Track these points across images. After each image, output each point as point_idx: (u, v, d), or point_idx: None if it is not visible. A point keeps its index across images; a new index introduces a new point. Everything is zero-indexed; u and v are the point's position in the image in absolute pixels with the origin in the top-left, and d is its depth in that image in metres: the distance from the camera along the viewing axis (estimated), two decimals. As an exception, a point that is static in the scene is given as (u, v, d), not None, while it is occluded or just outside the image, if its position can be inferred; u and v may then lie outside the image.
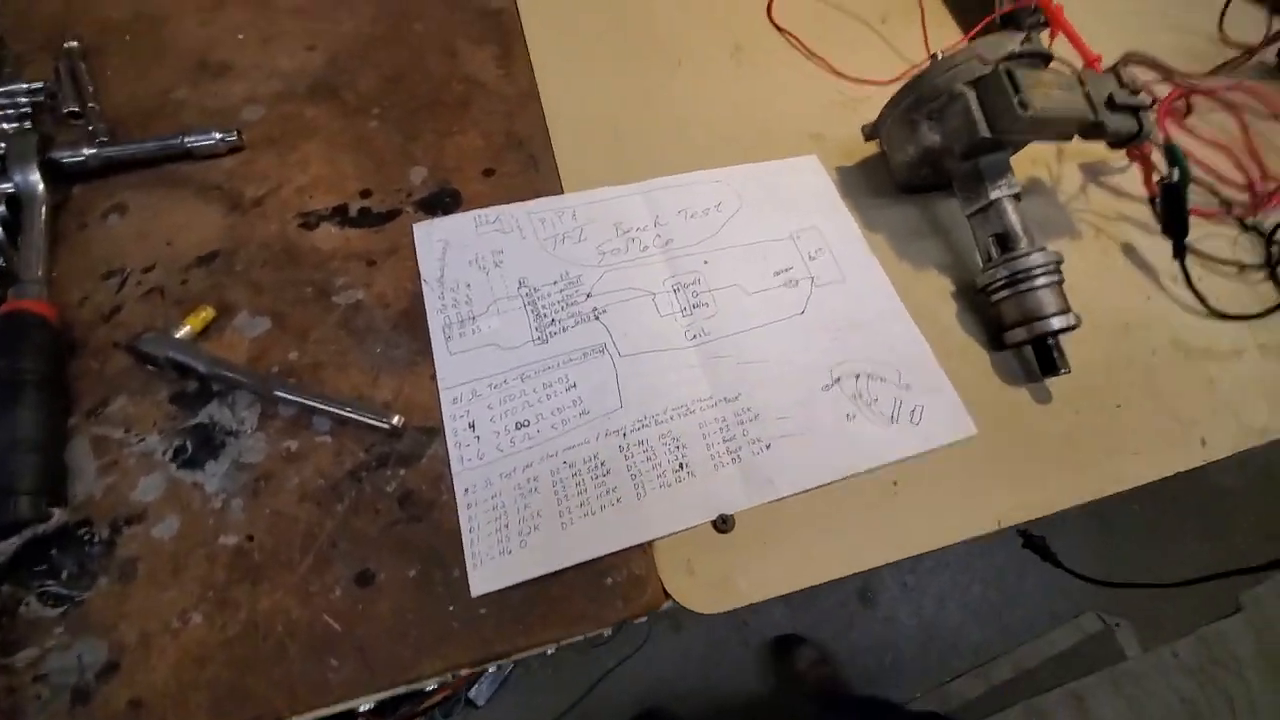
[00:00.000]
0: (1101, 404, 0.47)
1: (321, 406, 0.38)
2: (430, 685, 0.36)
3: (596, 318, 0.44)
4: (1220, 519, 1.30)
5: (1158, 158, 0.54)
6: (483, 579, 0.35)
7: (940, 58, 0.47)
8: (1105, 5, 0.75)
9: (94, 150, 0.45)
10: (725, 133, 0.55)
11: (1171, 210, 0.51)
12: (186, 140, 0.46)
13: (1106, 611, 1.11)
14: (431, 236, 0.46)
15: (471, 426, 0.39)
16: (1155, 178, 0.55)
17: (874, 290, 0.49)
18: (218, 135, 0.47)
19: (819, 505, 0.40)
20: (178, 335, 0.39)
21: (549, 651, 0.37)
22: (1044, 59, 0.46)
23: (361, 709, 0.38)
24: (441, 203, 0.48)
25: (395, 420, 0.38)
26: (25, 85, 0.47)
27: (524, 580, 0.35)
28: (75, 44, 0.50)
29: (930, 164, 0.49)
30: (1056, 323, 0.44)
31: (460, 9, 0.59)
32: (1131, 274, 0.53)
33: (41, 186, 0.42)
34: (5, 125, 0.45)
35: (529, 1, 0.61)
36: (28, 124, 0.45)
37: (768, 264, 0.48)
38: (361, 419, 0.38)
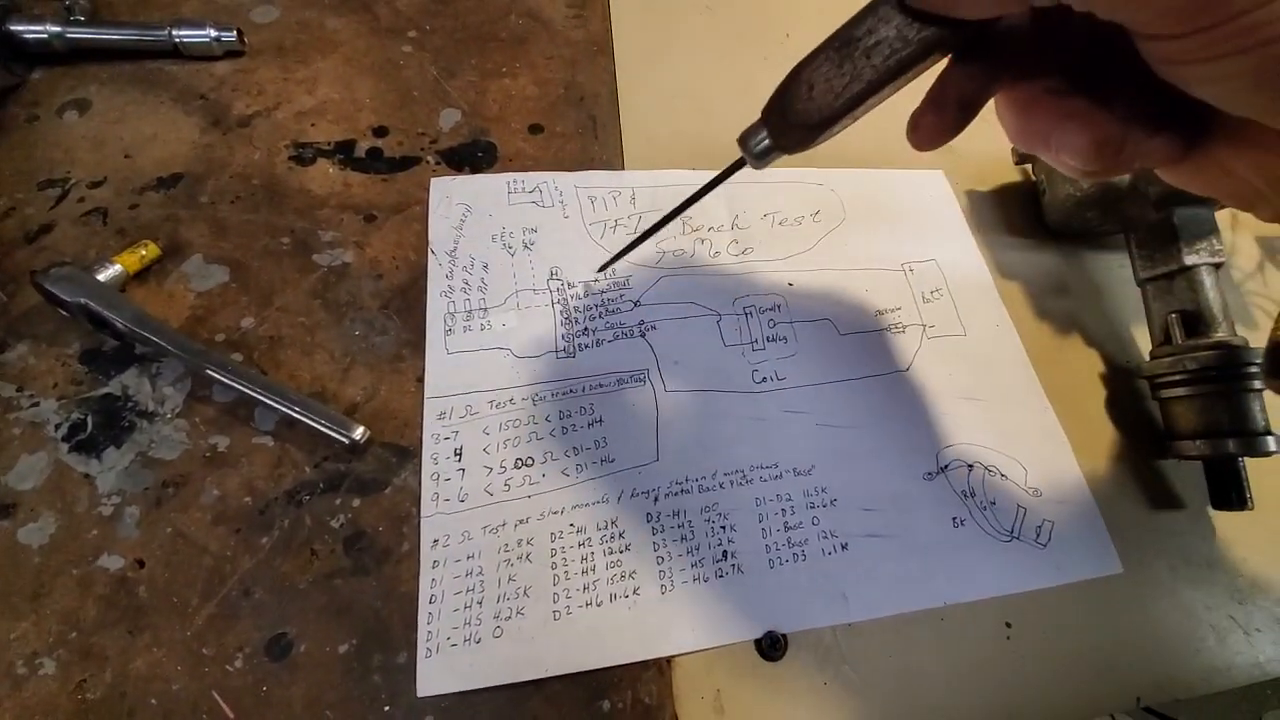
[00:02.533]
0: (1273, 552, 0.34)
1: (265, 398, 0.28)
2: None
3: (643, 334, 0.33)
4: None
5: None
6: (435, 674, 0.25)
7: None
8: None
9: (60, 29, 0.35)
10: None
11: None
12: (175, 33, 0.36)
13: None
14: (451, 197, 0.35)
15: (457, 454, 0.29)
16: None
17: (1003, 353, 0.36)
18: (213, 32, 0.36)
19: (903, 641, 0.29)
20: (101, 275, 0.29)
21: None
22: None
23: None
24: (472, 157, 0.37)
25: (358, 433, 0.27)
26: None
27: (491, 686, 0.25)
28: (71, -99, 0.40)
29: (1104, 206, 0.36)
30: (1258, 444, 0.31)
31: (536, -68, 0.48)
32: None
33: (-20, 61, 0.32)
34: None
35: (621, -65, 0.49)
36: (-15, -16, 0.36)
37: (870, 298, 0.37)
38: (314, 423, 0.27)
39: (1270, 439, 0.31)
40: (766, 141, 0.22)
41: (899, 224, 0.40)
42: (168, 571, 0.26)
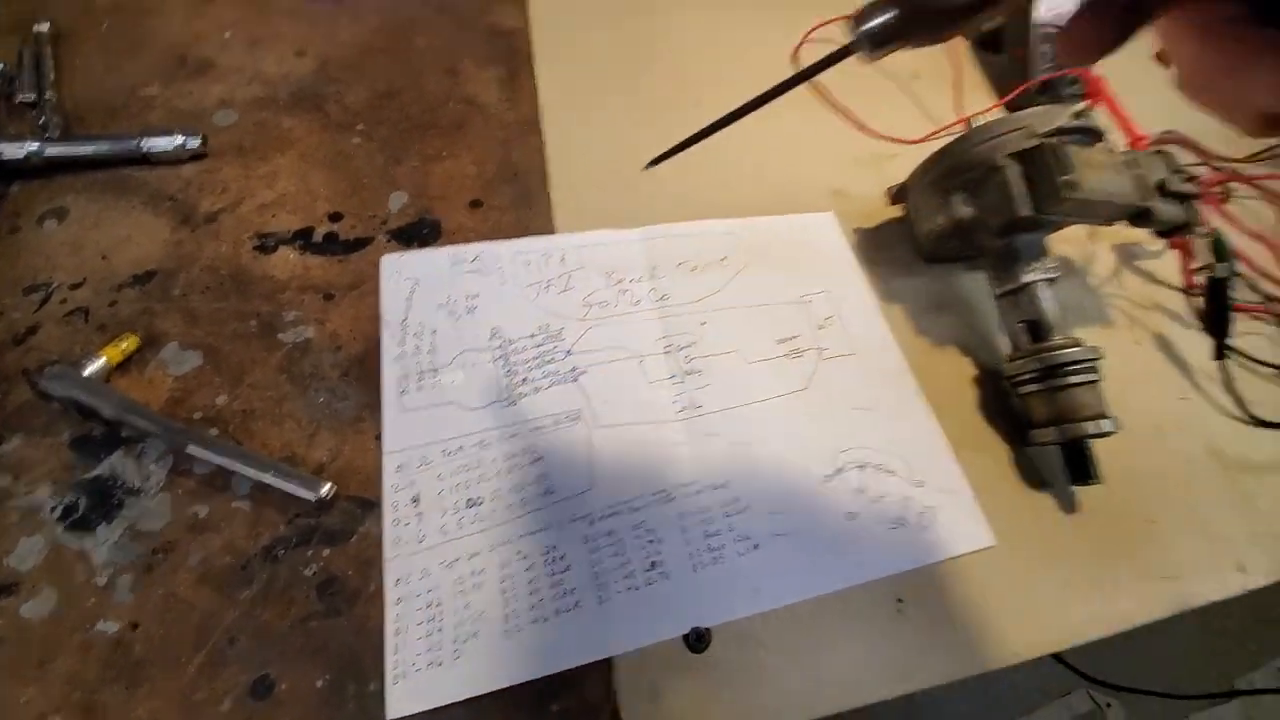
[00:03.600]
0: (1133, 518, 0.39)
1: (240, 468, 0.31)
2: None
3: (575, 379, 0.37)
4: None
5: (1198, 245, 0.47)
6: (403, 697, 0.28)
7: (974, 125, 0.40)
8: (1140, 79, 0.69)
9: (37, 146, 0.38)
10: (740, 182, 0.48)
11: (1215, 307, 0.44)
12: (144, 143, 0.39)
13: (1097, 689, 1.02)
14: (401, 272, 0.39)
15: (415, 501, 0.32)
16: (1194, 267, 0.48)
17: (887, 367, 0.41)
18: (179, 139, 0.40)
19: (811, 622, 0.32)
20: (89, 370, 0.32)
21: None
22: (1095, 135, 0.39)
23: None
24: (419, 234, 0.41)
25: (324, 490, 0.30)
26: (-30, 68, 0.40)
27: (453, 702, 0.28)
28: (45, 28, 0.44)
29: (960, 236, 0.42)
30: (1091, 427, 0.36)
31: (469, 27, 0.53)
32: (1166, 370, 0.46)
33: (-38, 184, 0.35)
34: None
35: (544, 24, 0.54)
36: (-36, 111, 0.39)
37: (772, 330, 0.41)
38: (285, 485, 0.30)
39: (1105, 421, 0.36)
40: (892, 22, 0.19)
41: (797, 262, 0.45)
42: (160, 629, 0.28)
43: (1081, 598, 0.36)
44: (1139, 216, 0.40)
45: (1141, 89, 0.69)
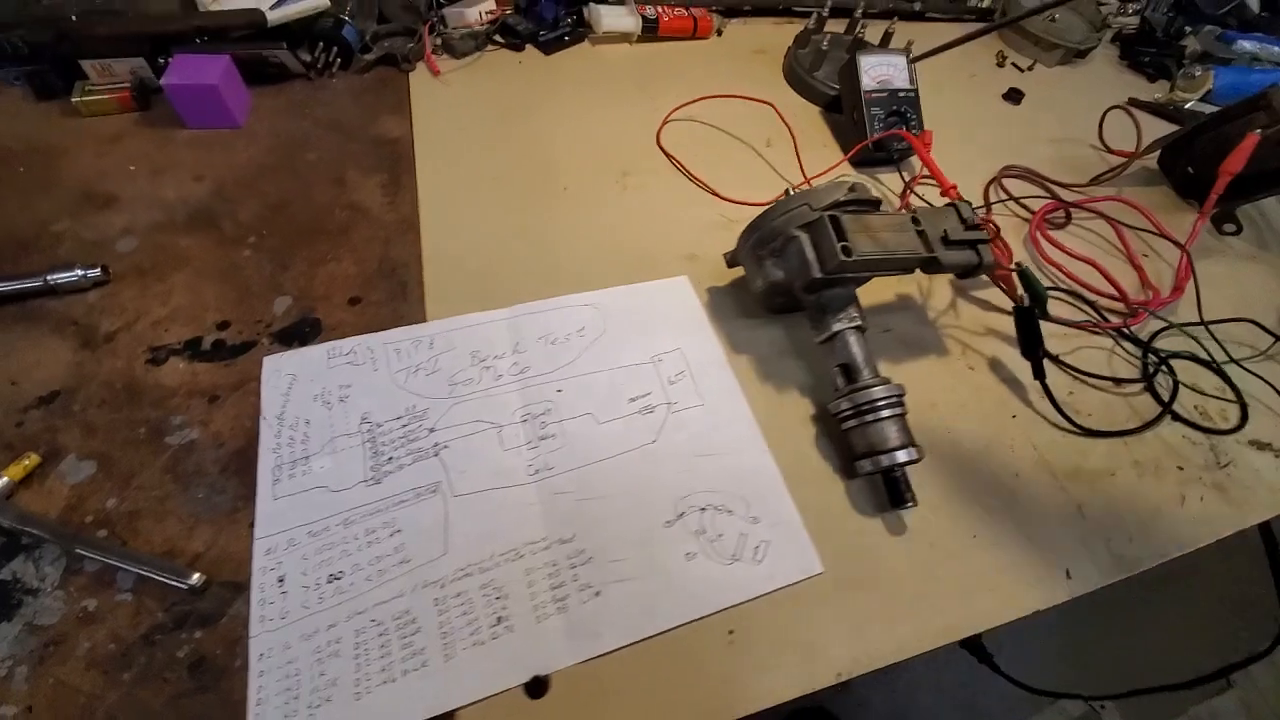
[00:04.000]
0: (958, 535, 0.43)
1: (123, 565, 0.35)
2: None
3: (436, 454, 0.41)
4: (1196, 587, 1.22)
5: (1015, 277, 0.52)
6: (263, 762, 0.31)
7: (791, 194, 0.46)
8: (993, 117, 0.76)
9: (-57, 292, 0.43)
10: (603, 256, 0.54)
11: (1025, 333, 0.49)
12: (50, 278, 0.45)
13: (1090, 693, 1.03)
14: (280, 369, 0.44)
15: (280, 581, 0.36)
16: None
17: (731, 414, 0.46)
18: (79, 271, 0.45)
19: (647, 661, 0.36)
20: (-12, 488, 0.36)
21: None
22: (872, 204, 0.45)
23: None
24: (300, 333, 0.46)
25: (194, 579, 0.34)
26: (-103, 224, 0.46)
27: (307, 763, 0.31)
28: (-36, 180, 0.50)
29: (781, 294, 0.47)
30: (901, 456, 0.41)
31: (356, 139, 0.59)
32: (998, 391, 0.51)
33: (-118, 331, 0.40)
34: None
35: (426, 131, 0.61)
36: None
37: (625, 390, 0.46)
38: (162, 578, 0.34)
39: (902, 451, 0.41)
40: None
41: (651, 325, 0.50)
42: (50, 713, 0.32)
43: (906, 616, 0.39)
44: (930, 265, 0.45)
45: (988, 124, 0.76)
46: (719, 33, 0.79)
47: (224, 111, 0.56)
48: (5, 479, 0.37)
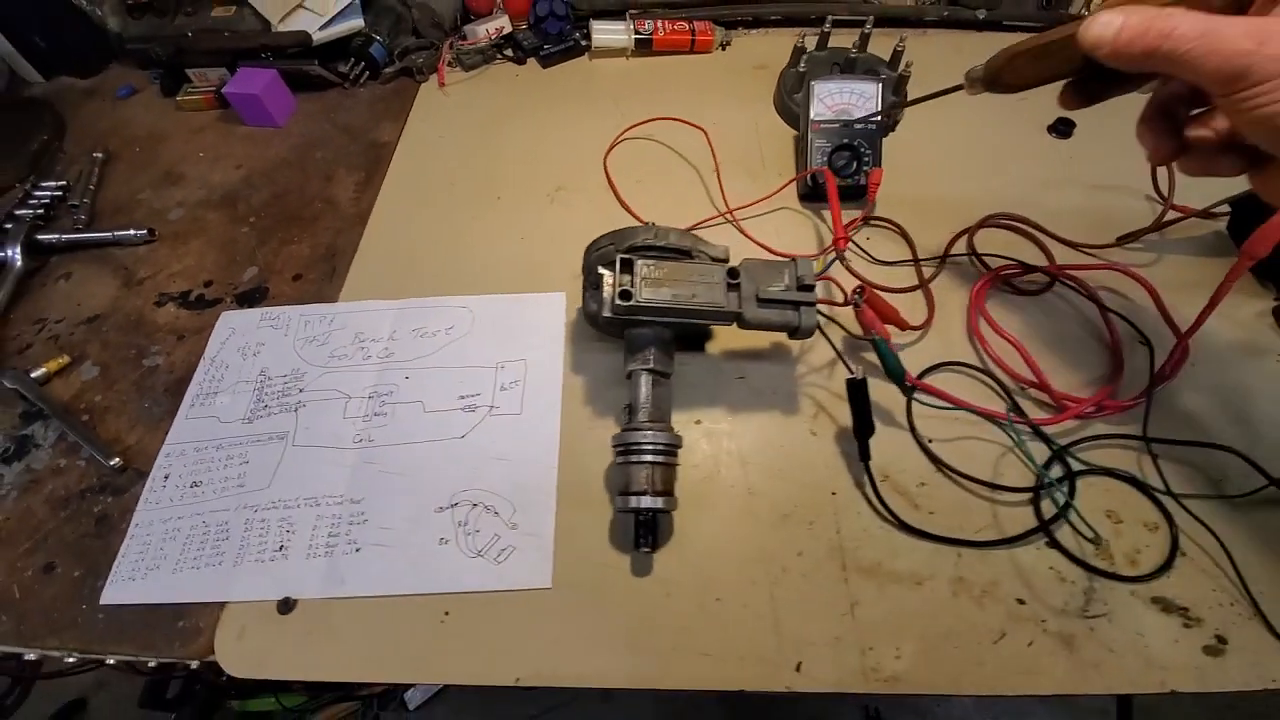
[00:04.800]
0: (701, 594, 0.43)
1: (83, 443, 0.51)
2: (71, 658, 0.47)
3: (295, 410, 0.52)
4: None
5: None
6: (110, 593, 0.45)
7: (649, 226, 0.48)
8: (1028, 152, 0.65)
9: (57, 237, 0.64)
10: (503, 264, 0.60)
11: (857, 408, 0.45)
12: (115, 234, 0.64)
13: None
14: (228, 324, 0.58)
15: (165, 478, 0.50)
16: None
17: (542, 430, 0.50)
18: (133, 231, 0.64)
19: (375, 615, 0.44)
20: (34, 374, 0.55)
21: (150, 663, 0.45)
22: (682, 253, 0.45)
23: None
24: (252, 297, 0.60)
25: (114, 462, 0.50)
26: (54, 183, 0.68)
27: (131, 603, 0.45)
28: (101, 155, 0.71)
29: (613, 327, 0.49)
30: (645, 501, 0.42)
31: (356, 141, 0.72)
32: (829, 463, 0.48)
33: (20, 261, 0.62)
34: (25, 211, 0.65)
35: (410, 137, 0.72)
36: (41, 211, 0.66)
37: (460, 388, 0.53)
38: (98, 457, 0.50)
39: (647, 499, 0.42)
40: (979, 84, 0.39)
41: (513, 333, 0.56)
42: (13, 523, 0.49)
43: (604, 650, 0.41)
44: (736, 320, 0.44)
45: (1018, 163, 0.66)
46: (724, 46, 0.78)
47: (267, 114, 0.72)
48: (44, 370, 0.56)
